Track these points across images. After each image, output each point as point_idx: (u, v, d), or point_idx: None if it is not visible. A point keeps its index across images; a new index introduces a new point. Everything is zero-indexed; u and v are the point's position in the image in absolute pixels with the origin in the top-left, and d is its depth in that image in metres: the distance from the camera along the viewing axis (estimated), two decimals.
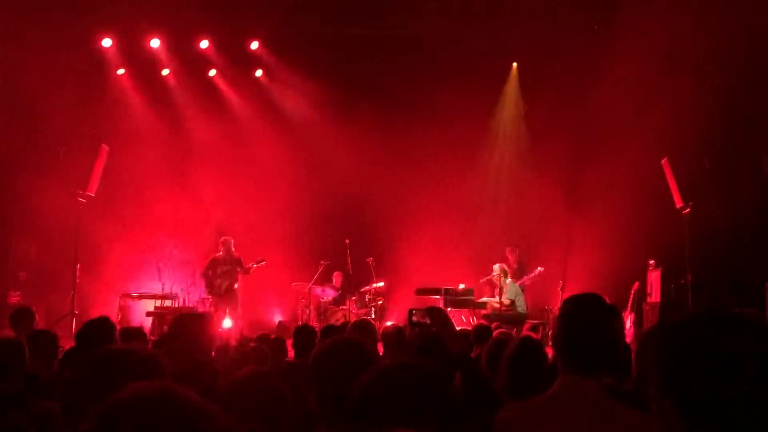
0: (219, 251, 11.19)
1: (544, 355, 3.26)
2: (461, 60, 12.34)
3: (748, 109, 10.62)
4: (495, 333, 4.94)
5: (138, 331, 4.99)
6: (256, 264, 11.02)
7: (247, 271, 11.03)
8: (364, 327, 4.39)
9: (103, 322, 3.86)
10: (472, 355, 4.50)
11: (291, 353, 5.51)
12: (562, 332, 2.22)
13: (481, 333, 5.15)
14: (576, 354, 2.15)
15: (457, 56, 12.36)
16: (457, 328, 8.01)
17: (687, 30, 10.43)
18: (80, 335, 3.91)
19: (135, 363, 1.88)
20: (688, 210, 9.88)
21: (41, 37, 11.25)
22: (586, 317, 2.19)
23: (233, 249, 11.20)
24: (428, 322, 3.02)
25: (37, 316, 10.85)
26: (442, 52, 12.42)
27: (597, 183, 11.82)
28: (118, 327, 4.55)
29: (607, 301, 2.27)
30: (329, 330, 4.86)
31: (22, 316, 5.54)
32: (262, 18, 12.26)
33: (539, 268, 11.23)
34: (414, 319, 3.18)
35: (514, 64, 13.42)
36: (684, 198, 10.01)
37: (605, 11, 11.59)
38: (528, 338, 3.36)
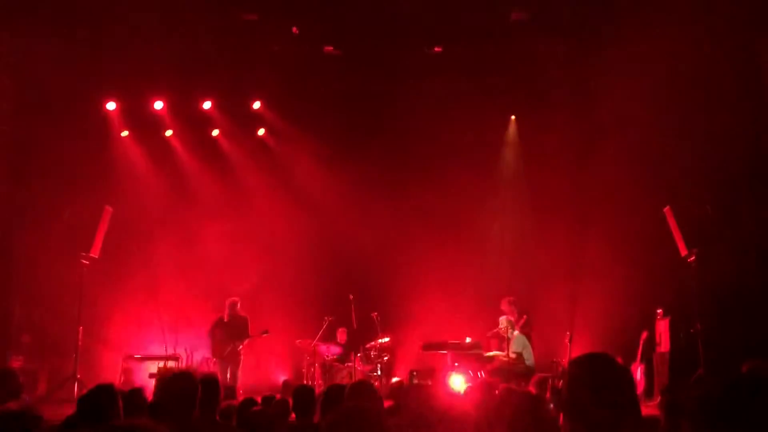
0: (225, 311, 11.24)
1: (544, 410, 3.18)
2: (462, 115, 12.48)
3: (748, 153, 10.64)
4: (498, 390, 4.81)
5: (138, 394, 4.87)
6: (261, 334, 11.21)
7: (248, 336, 11.18)
8: (363, 391, 4.17)
9: (105, 391, 3.78)
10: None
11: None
12: (571, 397, 2.08)
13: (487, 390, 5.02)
14: (585, 419, 2.03)
15: (458, 111, 12.50)
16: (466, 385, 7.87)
17: (684, 76, 10.55)
18: (82, 404, 3.83)
19: None
20: (693, 258, 9.82)
21: (47, 101, 11.46)
22: (596, 381, 2.06)
23: (239, 308, 11.26)
24: (429, 383, 3.00)
25: (41, 378, 10.81)
26: (443, 108, 12.58)
27: (601, 232, 11.79)
28: (122, 389, 4.46)
29: (620, 360, 2.17)
30: (334, 391, 4.74)
31: (2, 378, 5.19)
32: (264, 77, 12.48)
33: (524, 316, 11.03)
34: (415, 381, 3.16)
35: (513, 117, 13.55)
36: (688, 246, 9.96)
37: (600, 61, 11.76)
38: (527, 394, 3.29)
